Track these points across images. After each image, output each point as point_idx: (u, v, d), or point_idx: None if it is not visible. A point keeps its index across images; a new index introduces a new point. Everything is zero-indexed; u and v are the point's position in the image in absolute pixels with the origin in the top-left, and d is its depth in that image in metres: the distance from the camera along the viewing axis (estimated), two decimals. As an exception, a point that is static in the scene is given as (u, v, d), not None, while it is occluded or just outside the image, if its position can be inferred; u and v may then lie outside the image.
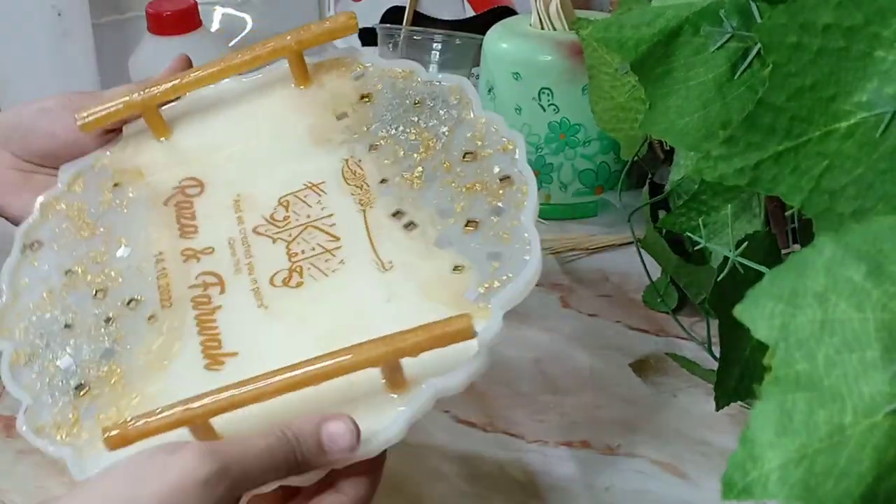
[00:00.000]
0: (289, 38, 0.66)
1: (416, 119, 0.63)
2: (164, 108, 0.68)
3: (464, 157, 0.61)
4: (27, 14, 1.03)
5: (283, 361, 0.51)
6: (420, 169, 0.61)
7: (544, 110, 0.95)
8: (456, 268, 0.56)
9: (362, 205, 0.60)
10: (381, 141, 0.63)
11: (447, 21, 1.17)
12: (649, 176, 0.88)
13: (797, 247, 0.65)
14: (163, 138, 0.68)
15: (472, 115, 0.62)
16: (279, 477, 0.49)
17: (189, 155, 0.67)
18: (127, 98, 0.66)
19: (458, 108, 0.63)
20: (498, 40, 0.98)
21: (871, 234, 0.38)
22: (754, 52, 0.53)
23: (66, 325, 0.61)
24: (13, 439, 0.71)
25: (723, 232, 0.68)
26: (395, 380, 0.53)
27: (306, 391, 0.50)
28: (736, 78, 0.54)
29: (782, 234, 0.67)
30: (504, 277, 0.55)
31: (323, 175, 0.63)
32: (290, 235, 0.60)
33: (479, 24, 1.09)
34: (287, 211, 0.61)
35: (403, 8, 1.16)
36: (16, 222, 0.68)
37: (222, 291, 0.59)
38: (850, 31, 0.45)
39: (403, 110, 0.64)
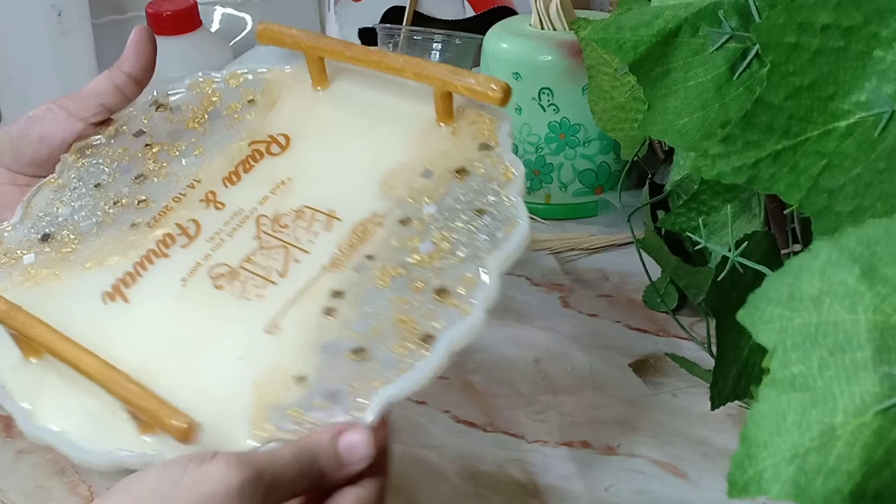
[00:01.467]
0: (444, 71, 0.63)
1: (457, 226, 0.58)
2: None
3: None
4: (27, 14, 1.03)
5: (129, 343, 0.55)
6: (399, 273, 0.56)
7: (544, 110, 0.95)
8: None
9: (332, 264, 0.57)
10: (415, 222, 0.58)
11: (447, 21, 1.17)
12: (649, 176, 0.88)
13: (797, 247, 0.65)
14: (320, 88, 0.67)
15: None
16: (302, 492, 0.49)
17: (306, 116, 0.67)
18: (305, 38, 0.67)
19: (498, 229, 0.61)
20: (498, 40, 0.98)
21: (866, 237, 0.38)
22: (753, 52, 0.53)
23: (96, 185, 0.65)
24: (13, 439, 0.71)
25: (722, 231, 0.68)
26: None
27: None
28: (735, 78, 0.55)
29: (782, 233, 0.67)
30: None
31: (348, 213, 0.60)
32: (268, 244, 0.60)
33: (479, 24, 1.09)
34: (292, 222, 0.61)
35: (403, 8, 1.16)
36: None
37: (185, 246, 0.60)
38: (848, 30, 0.45)
39: (461, 211, 0.59)
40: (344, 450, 0.49)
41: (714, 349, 0.69)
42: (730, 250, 0.55)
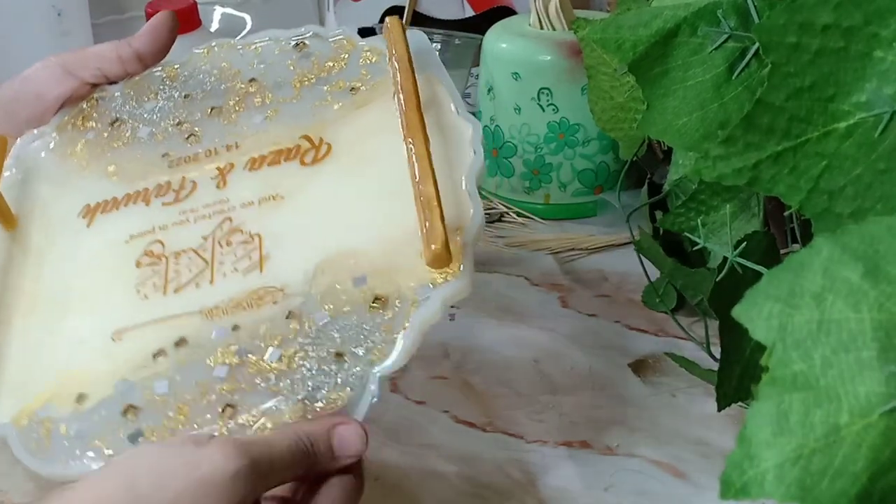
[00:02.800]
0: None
1: (315, 355, 0.54)
2: None
3: None
4: (27, 14, 1.03)
5: (53, 264, 0.61)
6: (231, 362, 0.55)
7: (543, 110, 0.95)
8: None
9: (208, 312, 0.57)
10: (294, 323, 0.55)
11: (447, 21, 1.17)
12: (648, 176, 0.88)
13: (796, 246, 0.65)
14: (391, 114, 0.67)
15: None
16: (295, 478, 0.49)
17: (360, 140, 0.65)
18: None
19: None
20: (497, 40, 0.98)
21: (869, 235, 0.38)
22: (752, 52, 0.53)
23: (186, 95, 0.66)
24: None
25: (721, 231, 0.68)
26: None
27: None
28: (734, 78, 0.54)
29: (781, 233, 0.67)
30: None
31: (271, 269, 0.58)
32: (202, 251, 0.60)
33: (479, 24, 1.09)
34: (236, 245, 0.59)
35: (403, 7, 1.16)
36: None
37: (164, 204, 0.62)
38: (849, 31, 0.45)
39: (333, 344, 0.55)
40: (337, 442, 0.49)
41: (713, 349, 0.69)
42: (729, 251, 0.55)
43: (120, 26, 1.16)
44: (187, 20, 1.02)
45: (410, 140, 0.56)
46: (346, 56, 0.65)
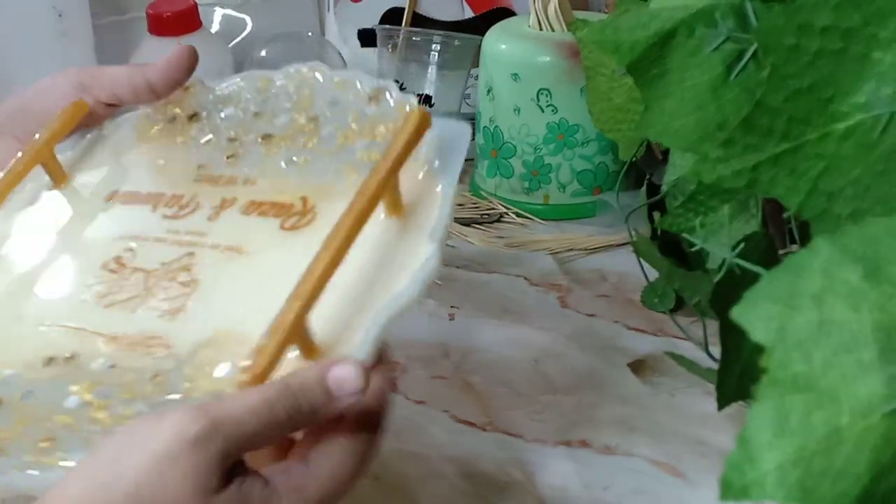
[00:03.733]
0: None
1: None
2: None
3: None
4: (27, 14, 1.03)
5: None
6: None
7: (543, 111, 0.95)
8: None
9: (109, 339, 0.56)
10: (148, 384, 0.55)
11: (446, 22, 1.17)
12: (647, 177, 0.88)
13: (795, 247, 0.66)
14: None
15: None
16: (284, 431, 0.46)
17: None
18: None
19: None
20: (497, 41, 0.98)
21: (868, 236, 0.38)
22: (749, 53, 0.53)
23: (255, 114, 0.64)
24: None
25: (720, 232, 0.68)
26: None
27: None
28: (731, 80, 0.55)
29: (780, 234, 0.67)
30: None
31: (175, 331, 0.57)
32: (151, 275, 0.59)
33: (478, 25, 1.09)
34: (174, 279, 0.59)
35: (402, 9, 1.16)
36: None
37: (165, 216, 0.61)
38: (848, 32, 0.45)
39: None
40: (333, 382, 0.47)
41: (711, 349, 0.69)
42: (728, 251, 0.55)
43: (121, 27, 1.16)
44: (187, 21, 1.02)
45: (325, 247, 0.50)
46: (395, 125, 0.59)
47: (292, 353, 0.49)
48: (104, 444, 0.45)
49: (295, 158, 0.60)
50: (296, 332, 0.48)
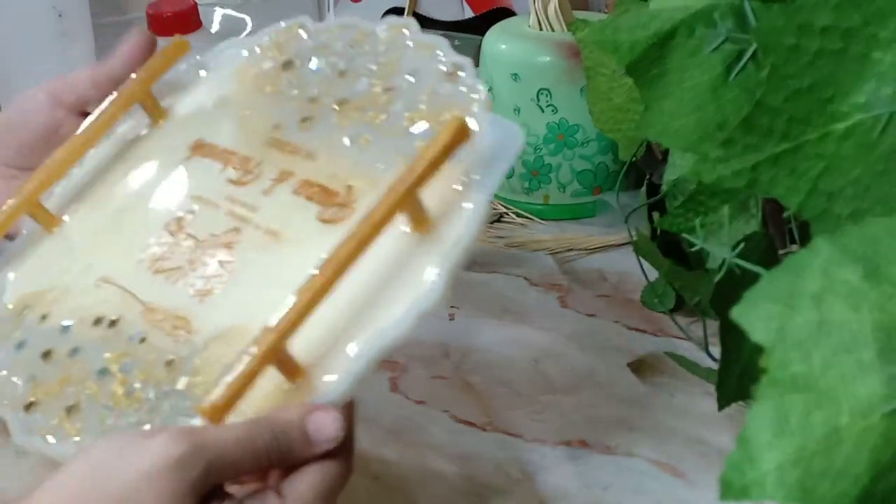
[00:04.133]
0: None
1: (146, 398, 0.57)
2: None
3: None
4: (27, 14, 1.03)
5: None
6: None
7: (543, 111, 0.95)
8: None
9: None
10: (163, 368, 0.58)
11: (446, 22, 1.17)
12: (647, 176, 0.88)
13: (795, 247, 0.66)
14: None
15: None
16: (262, 465, 0.48)
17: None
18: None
19: None
20: (497, 41, 0.98)
21: (868, 236, 0.38)
22: (749, 53, 0.53)
23: (341, 72, 0.63)
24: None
25: (720, 232, 0.68)
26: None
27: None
28: (731, 80, 0.55)
29: (780, 234, 0.67)
30: None
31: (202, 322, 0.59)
32: (200, 245, 0.61)
33: (478, 25, 1.09)
34: (205, 265, 0.60)
35: (402, 9, 1.16)
36: (11, 237, 0.68)
37: (231, 180, 0.62)
38: (847, 32, 0.45)
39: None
40: (313, 428, 0.48)
41: (711, 349, 0.69)
42: (728, 251, 0.55)
43: (121, 27, 1.15)
44: (188, 21, 1.02)
45: (322, 267, 0.50)
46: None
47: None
48: (86, 454, 0.46)
49: (360, 135, 0.59)
50: (271, 359, 0.49)
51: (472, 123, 0.53)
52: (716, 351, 0.60)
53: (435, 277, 0.50)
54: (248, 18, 1.20)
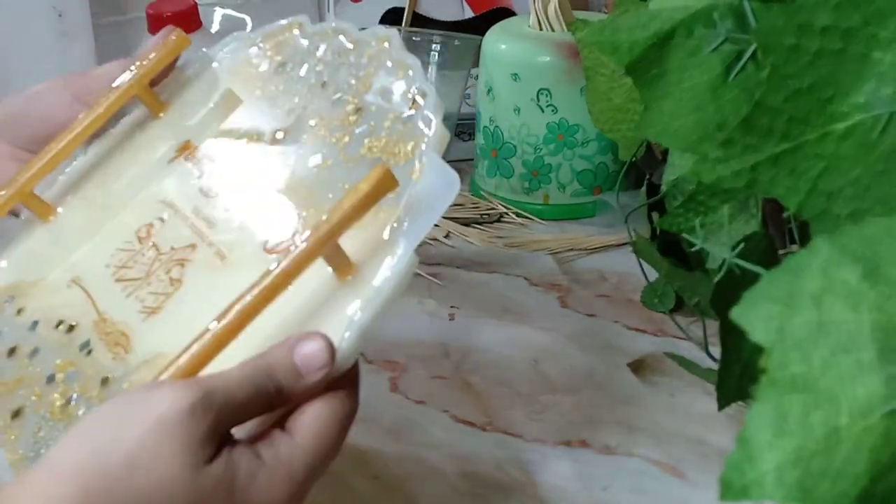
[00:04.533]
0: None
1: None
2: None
3: None
4: (27, 14, 1.03)
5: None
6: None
7: (543, 111, 0.95)
8: None
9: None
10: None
11: (446, 22, 1.17)
12: (647, 177, 0.88)
13: (795, 247, 0.66)
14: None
15: None
16: (262, 410, 0.47)
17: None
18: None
19: None
20: (497, 41, 0.98)
21: (867, 236, 0.38)
22: (748, 54, 0.53)
23: (323, 85, 0.62)
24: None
25: (720, 232, 0.68)
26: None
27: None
28: (730, 80, 0.55)
29: (780, 234, 0.67)
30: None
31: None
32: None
33: (478, 25, 1.09)
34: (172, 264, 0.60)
35: (402, 9, 1.16)
36: (17, 214, 0.69)
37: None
38: (847, 32, 0.45)
39: None
40: (300, 360, 0.47)
41: (711, 349, 0.69)
42: (728, 252, 0.55)
43: (121, 27, 1.16)
44: (187, 21, 1.02)
45: (227, 315, 0.48)
46: (411, 146, 0.56)
47: None
48: (99, 412, 0.45)
49: (325, 158, 0.58)
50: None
51: (408, 169, 0.53)
52: (716, 351, 0.60)
53: (343, 338, 0.49)
54: (248, 18, 1.20)
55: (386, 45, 0.60)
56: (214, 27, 1.20)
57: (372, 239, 0.52)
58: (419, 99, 0.56)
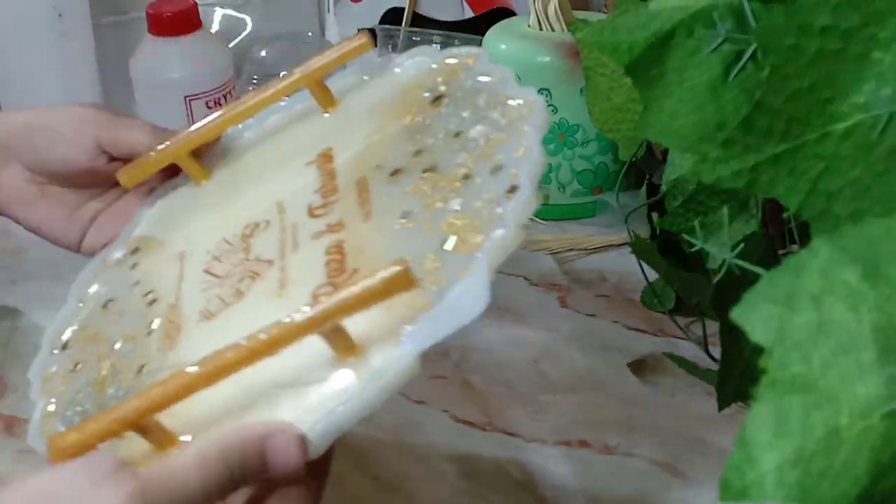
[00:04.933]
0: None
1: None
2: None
3: None
4: (27, 14, 1.03)
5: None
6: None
7: (543, 111, 0.95)
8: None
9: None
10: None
11: (446, 22, 1.17)
12: (647, 177, 0.88)
13: (795, 247, 0.66)
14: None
15: None
16: (216, 494, 0.45)
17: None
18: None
19: None
20: (497, 41, 0.98)
21: (867, 237, 0.38)
22: (748, 54, 0.53)
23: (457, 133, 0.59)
24: (13, 438, 0.71)
25: (720, 232, 0.68)
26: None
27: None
28: (730, 80, 0.55)
29: (780, 234, 0.67)
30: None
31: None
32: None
33: (478, 25, 1.09)
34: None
35: (403, 9, 1.16)
36: (35, 232, 0.69)
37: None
38: (847, 32, 0.45)
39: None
40: (270, 454, 0.46)
41: (711, 349, 0.69)
42: (728, 252, 0.55)
43: (121, 27, 1.16)
44: (187, 21, 1.02)
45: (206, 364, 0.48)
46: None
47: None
48: (37, 481, 0.44)
49: (412, 215, 0.56)
50: (128, 429, 0.48)
51: (460, 264, 0.51)
52: (716, 351, 0.60)
53: (312, 429, 0.47)
54: (248, 18, 1.20)
55: (527, 111, 0.57)
56: (214, 27, 1.20)
57: (379, 327, 0.50)
58: (517, 187, 0.53)
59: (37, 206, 0.68)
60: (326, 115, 0.66)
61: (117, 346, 0.58)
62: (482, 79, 0.61)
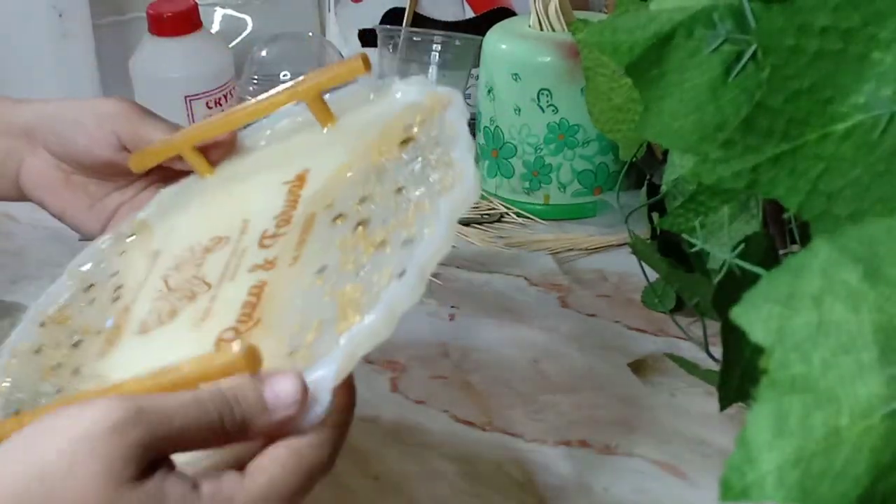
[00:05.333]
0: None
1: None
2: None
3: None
4: (27, 15, 1.03)
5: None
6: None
7: (543, 111, 0.95)
8: None
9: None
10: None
11: (447, 22, 1.17)
12: (647, 177, 0.88)
13: (796, 247, 0.66)
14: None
15: None
16: (215, 440, 0.44)
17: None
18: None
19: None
20: (497, 41, 0.98)
21: (867, 237, 0.38)
22: (748, 54, 0.53)
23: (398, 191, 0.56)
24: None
25: (721, 232, 0.68)
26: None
27: None
28: (730, 81, 0.55)
29: (780, 234, 0.67)
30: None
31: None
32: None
33: (479, 25, 1.09)
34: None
35: (403, 9, 1.16)
36: (58, 218, 0.70)
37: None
38: (847, 32, 0.45)
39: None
40: (269, 393, 0.44)
41: (711, 349, 0.69)
42: (728, 252, 0.55)
43: (121, 27, 1.16)
44: (188, 21, 1.02)
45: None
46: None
47: None
48: (27, 428, 0.43)
49: (325, 273, 0.53)
50: None
51: (312, 353, 0.48)
52: (716, 351, 0.60)
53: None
54: (248, 18, 1.20)
55: (452, 172, 0.53)
56: (214, 27, 1.20)
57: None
58: (404, 272, 0.49)
59: (62, 193, 0.69)
60: (322, 132, 0.65)
61: (75, 337, 0.58)
62: (444, 130, 0.57)
